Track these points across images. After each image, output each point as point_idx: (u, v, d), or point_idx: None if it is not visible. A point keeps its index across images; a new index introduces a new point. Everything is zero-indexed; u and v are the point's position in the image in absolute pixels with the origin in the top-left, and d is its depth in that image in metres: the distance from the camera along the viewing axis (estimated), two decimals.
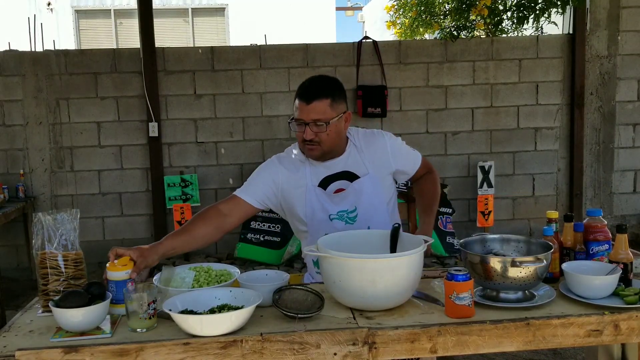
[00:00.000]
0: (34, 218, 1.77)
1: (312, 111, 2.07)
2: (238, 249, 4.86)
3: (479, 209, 5.19)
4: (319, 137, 2.10)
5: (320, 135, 2.10)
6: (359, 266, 1.68)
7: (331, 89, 2.12)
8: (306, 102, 2.08)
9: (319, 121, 2.08)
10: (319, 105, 2.07)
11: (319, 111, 2.08)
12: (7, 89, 4.97)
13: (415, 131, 5.18)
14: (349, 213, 2.17)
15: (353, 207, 2.17)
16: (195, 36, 9.94)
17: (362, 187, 2.18)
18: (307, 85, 2.13)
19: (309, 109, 2.08)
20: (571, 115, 5.34)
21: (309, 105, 2.07)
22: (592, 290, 1.73)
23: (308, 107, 2.08)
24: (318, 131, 2.09)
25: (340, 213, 2.17)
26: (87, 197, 5.10)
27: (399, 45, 5.24)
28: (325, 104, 2.08)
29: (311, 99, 2.07)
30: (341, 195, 2.18)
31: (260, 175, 2.26)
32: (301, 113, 2.10)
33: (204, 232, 2.11)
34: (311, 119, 2.08)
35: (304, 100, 2.09)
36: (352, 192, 2.18)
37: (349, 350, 1.58)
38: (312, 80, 2.16)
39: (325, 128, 2.09)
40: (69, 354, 1.52)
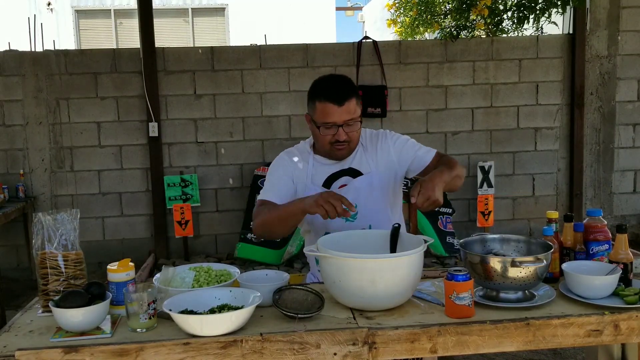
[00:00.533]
0: (34, 218, 1.77)
1: (346, 112, 2.08)
2: (238, 249, 4.87)
3: (479, 209, 5.19)
4: (350, 137, 2.11)
5: (351, 135, 2.11)
6: (359, 266, 1.68)
7: (352, 87, 2.14)
8: (339, 103, 2.07)
9: (351, 121, 2.09)
10: (349, 105, 2.08)
11: (350, 111, 2.09)
12: (7, 89, 4.97)
13: (415, 131, 5.18)
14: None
15: (354, 204, 2.17)
16: (195, 36, 9.94)
17: (363, 185, 2.18)
18: (334, 86, 2.11)
19: (341, 111, 2.07)
20: (571, 115, 5.34)
21: (342, 106, 2.07)
22: (592, 290, 1.73)
23: (341, 108, 2.07)
24: (349, 131, 2.11)
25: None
26: (87, 197, 5.10)
27: (399, 45, 5.24)
28: (353, 103, 2.10)
29: (343, 100, 2.07)
30: (342, 192, 2.18)
31: (278, 175, 2.23)
32: (333, 116, 2.07)
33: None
34: (344, 120, 2.08)
35: (335, 103, 2.07)
36: (353, 189, 2.18)
37: (349, 350, 1.58)
38: (332, 80, 2.15)
39: (358, 126, 2.12)
40: (69, 354, 1.52)
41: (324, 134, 2.11)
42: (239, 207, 5.16)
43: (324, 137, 2.12)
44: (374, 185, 2.18)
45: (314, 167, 2.22)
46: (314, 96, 2.13)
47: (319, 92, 2.12)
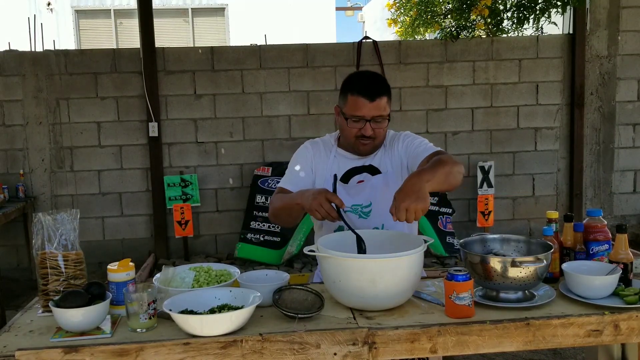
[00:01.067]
0: (34, 218, 1.77)
1: (375, 108, 2.10)
2: (238, 249, 4.87)
3: (479, 209, 5.19)
4: (376, 134, 2.13)
5: (377, 131, 2.13)
6: (359, 266, 1.68)
7: (386, 85, 2.16)
8: (370, 99, 2.09)
9: (380, 117, 2.11)
10: (381, 102, 2.10)
11: (381, 108, 2.11)
12: (7, 89, 4.97)
13: (415, 131, 5.06)
14: (364, 207, 2.18)
15: (368, 202, 2.18)
16: (195, 36, 9.94)
17: (379, 183, 2.19)
18: (368, 82, 2.13)
19: (372, 106, 2.09)
20: (571, 115, 5.34)
21: (373, 102, 2.09)
22: (592, 290, 1.73)
23: (372, 104, 2.09)
24: (376, 127, 2.12)
25: (355, 207, 2.17)
26: (87, 197, 5.10)
27: (399, 45, 5.24)
28: (385, 100, 2.12)
29: (375, 96, 2.09)
30: (358, 188, 2.19)
31: (301, 161, 2.26)
32: (363, 109, 2.10)
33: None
34: (372, 115, 2.10)
35: (367, 98, 2.09)
36: (369, 187, 2.19)
37: (349, 350, 1.58)
38: (369, 76, 2.17)
39: (385, 124, 2.14)
40: (69, 354, 1.52)
41: (352, 126, 2.14)
42: (239, 207, 5.16)
43: (351, 130, 2.14)
44: (390, 185, 2.18)
45: (335, 159, 2.25)
46: (347, 89, 2.16)
47: (353, 85, 2.14)
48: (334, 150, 2.26)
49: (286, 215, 2.14)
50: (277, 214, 2.16)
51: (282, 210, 2.13)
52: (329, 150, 2.27)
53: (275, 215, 2.18)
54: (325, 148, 2.28)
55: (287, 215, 2.13)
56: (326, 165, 2.23)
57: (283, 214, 2.14)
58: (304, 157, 2.26)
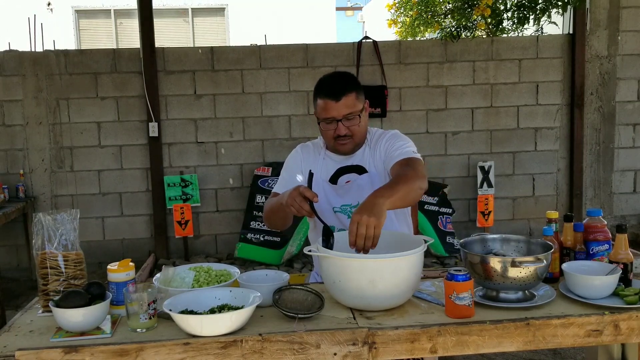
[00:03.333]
0: (34, 218, 1.77)
1: (343, 107, 2.11)
2: (238, 249, 4.87)
3: (479, 209, 5.19)
4: (351, 131, 2.14)
5: (352, 129, 2.14)
6: (359, 266, 1.68)
7: (352, 82, 2.16)
8: (335, 99, 2.10)
9: (350, 115, 2.12)
10: (347, 100, 2.11)
11: (349, 105, 2.11)
12: (7, 89, 4.97)
13: (415, 131, 5.18)
14: (352, 207, 2.19)
15: (356, 201, 2.18)
16: (195, 36, 9.94)
17: (365, 182, 2.20)
18: (331, 83, 2.15)
19: (338, 106, 2.11)
20: (571, 115, 5.34)
21: (339, 102, 2.10)
22: (592, 290, 1.73)
23: (338, 104, 2.10)
24: (350, 125, 2.13)
25: (344, 207, 2.19)
26: (87, 197, 5.10)
27: (399, 45, 5.24)
28: (352, 97, 2.12)
29: (340, 96, 2.10)
30: (346, 188, 2.21)
31: (290, 169, 2.30)
32: (331, 111, 2.12)
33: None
34: (342, 114, 2.11)
35: (332, 98, 2.11)
36: (356, 186, 2.20)
37: (349, 350, 1.58)
38: (332, 77, 2.19)
39: (358, 120, 2.14)
40: (69, 354, 1.52)
41: (326, 129, 2.17)
42: (239, 207, 5.16)
43: (327, 133, 2.17)
44: (375, 185, 2.19)
45: (324, 161, 2.27)
46: (315, 94, 2.19)
47: (319, 89, 2.18)
48: (322, 152, 2.29)
49: (275, 218, 2.16)
50: (268, 217, 2.20)
51: (272, 213, 2.16)
52: (318, 152, 2.30)
53: (267, 219, 2.23)
54: (315, 150, 2.31)
55: (276, 217, 2.16)
56: (316, 167, 2.25)
57: (273, 217, 2.17)
58: (295, 162, 2.31)
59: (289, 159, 2.34)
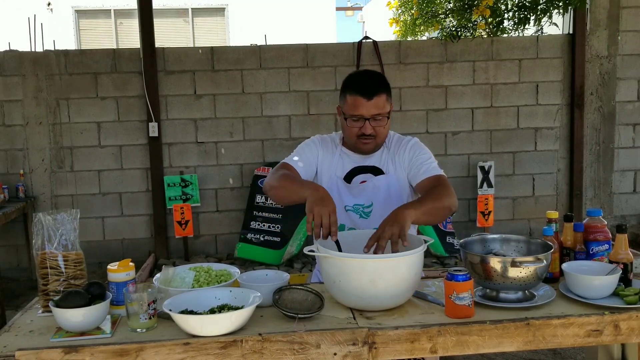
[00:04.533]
0: (34, 218, 1.77)
1: (373, 106, 2.09)
2: (238, 249, 4.87)
3: (479, 209, 5.19)
4: (376, 132, 2.13)
5: (378, 130, 2.13)
6: (359, 266, 1.68)
7: (384, 82, 2.15)
8: (367, 97, 2.08)
9: (379, 115, 2.11)
10: (379, 100, 2.10)
11: (379, 106, 2.10)
12: (7, 89, 4.97)
13: (415, 131, 5.18)
14: (365, 207, 2.18)
15: (370, 202, 2.18)
16: (195, 36, 9.94)
17: (382, 184, 2.19)
18: (364, 80, 2.13)
19: (369, 105, 2.09)
20: (571, 115, 5.34)
21: (371, 100, 2.08)
22: (592, 290, 1.73)
23: (369, 102, 2.08)
24: (377, 125, 2.12)
25: (356, 206, 2.18)
26: (87, 197, 5.10)
27: (399, 45, 5.24)
28: (383, 98, 2.11)
29: (372, 95, 2.09)
30: (361, 188, 2.20)
31: (306, 152, 2.26)
32: (361, 109, 2.09)
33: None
34: (371, 114, 2.10)
35: (364, 96, 2.08)
36: (371, 187, 2.19)
37: (349, 350, 1.58)
38: (365, 75, 2.16)
39: (385, 122, 2.13)
40: (69, 354, 1.52)
41: (351, 125, 2.14)
42: (239, 207, 5.16)
43: (351, 129, 2.14)
44: (391, 187, 2.19)
45: (340, 158, 2.25)
46: (345, 88, 2.16)
47: (350, 84, 2.14)
48: (338, 149, 2.26)
49: (283, 197, 2.08)
50: (276, 192, 2.10)
51: (282, 190, 2.07)
52: (334, 148, 2.27)
53: (273, 191, 2.11)
54: (331, 146, 2.28)
55: (284, 196, 2.08)
56: (331, 164, 2.23)
57: (280, 193, 2.08)
58: (314, 148, 2.26)
59: (308, 142, 2.29)
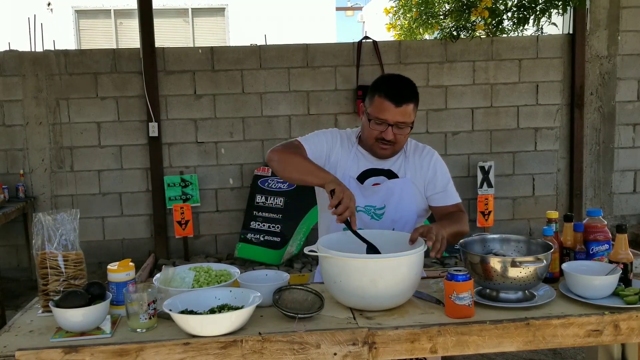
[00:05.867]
0: (34, 218, 1.76)
1: (400, 114, 2.07)
2: (238, 249, 4.87)
3: (479, 209, 5.19)
4: (397, 139, 2.11)
5: (398, 137, 2.10)
6: (360, 266, 1.68)
7: (415, 92, 2.13)
8: (396, 104, 2.06)
9: (403, 124, 2.09)
10: (406, 108, 2.07)
11: (405, 114, 2.08)
12: (7, 89, 4.97)
13: (415, 131, 5.13)
14: (377, 209, 2.18)
15: (382, 204, 2.17)
16: (195, 36, 9.94)
17: (396, 187, 2.18)
18: (396, 86, 2.11)
19: (396, 112, 2.06)
20: (571, 115, 5.34)
21: (399, 107, 2.06)
22: (592, 290, 1.73)
23: (397, 109, 2.06)
24: (398, 133, 2.09)
25: (368, 207, 2.17)
26: (87, 197, 5.10)
27: (398, 46, 5.24)
28: (411, 107, 2.09)
29: (402, 102, 2.06)
30: (374, 189, 2.18)
31: (322, 138, 2.22)
32: (387, 114, 2.07)
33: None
34: (396, 121, 2.07)
35: (393, 102, 2.06)
36: (385, 190, 2.18)
37: (349, 350, 1.58)
38: (399, 80, 2.14)
39: (407, 131, 2.11)
40: (69, 354, 1.52)
41: (374, 128, 2.11)
42: (239, 207, 5.16)
43: (372, 131, 2.12)
44: (405, 192, 2.18)
45: (355, 157, 2.23)
46: (375, 89, 2.13)
47: (381, 87, 2.11)
48: (354, 148, 2.24)
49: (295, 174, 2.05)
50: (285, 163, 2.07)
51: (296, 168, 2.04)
52: (350, 146, 2.25)
53: (280, 161, 2.08)
54: (348, 143, 2.25)
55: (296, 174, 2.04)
56: (346, 161, 2.21)
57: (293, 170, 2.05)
58: (331, 138, 2.23)
59: (326, 132, 2.25)
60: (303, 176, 2.03)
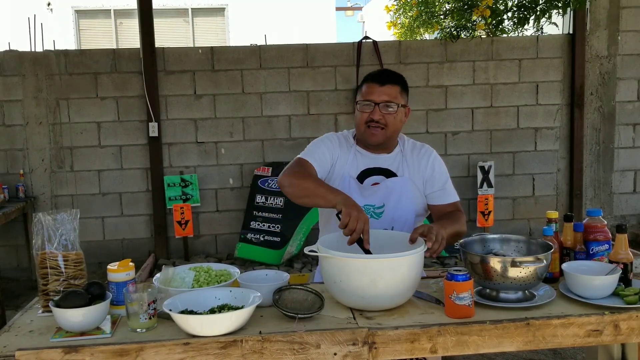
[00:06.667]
0: (34, 218, 1.77)
1: (384, 93, 2.14)
2: (238, 249, 4.87)
3: (479, 209, 5.19)
4: (385, 120, 2.15)
5: (387, 118, 2.15)
6: (360, 266, 1.68)
7: (400, 78, 2.22)
8: (380, 83, 2.15)
9: (390, 103, 2.15)
10: (391, 88, 2.16)
11: (390, 94, 2.15)
12: (7, 89, 4.97)
13: (415, 131, 5.18)
14: (376, 208, 2.18)
15: (381, 203, 2.18)
16: (195, 36, 9.94)
17: (395, 186, 2.19)
18: (381, 71, 2.23)
19: (381, 91, 2.14)
20: (571, 115, 5.34)
21: (382, 87, 2.15)
22: (592, 290, 1.73)
23: (381, 88, 2.14)
24: (386, 113, 2.15)
25: (367, 206, 2.18)
26: (87, 197, 5.10)
27: (399, 45, 5.24)
28: (396, 89, 2.17)
29: (385, 82, 2.15)
30: (373, 189, 2.20)
31: (322, 147, 2.24)
32: (372, 94, 2.15)
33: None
34: (382, 100, 2.14)
35: (377, 82, 2.15)
36: (384, 188, 2.19)
37: (349, 350, 1.58)
38: (384, 69, 2.25)
39: (394, 110, 2.16)
40: (69, 354, 1.52)
41: (361, 110, 2.17)
42: (239, 207, 5.16)
43: (362, 115, 2.17)
44: (405, 190, 2.19)
45: (355, 157, 2.25)
46: (362, 81, 2.23)
47: (366, 76, 2.22)
48: (353, 148, 2.26)
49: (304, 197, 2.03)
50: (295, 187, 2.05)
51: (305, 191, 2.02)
52: (349, 147, 2.27)
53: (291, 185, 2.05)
54: (346, 145, 2.28)
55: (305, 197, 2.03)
56: (346, 163, 2.23)
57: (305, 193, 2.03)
58: (330, 144, 2.24)
59: (323, 139, 2.26)
60: (314, 200, 2.03)
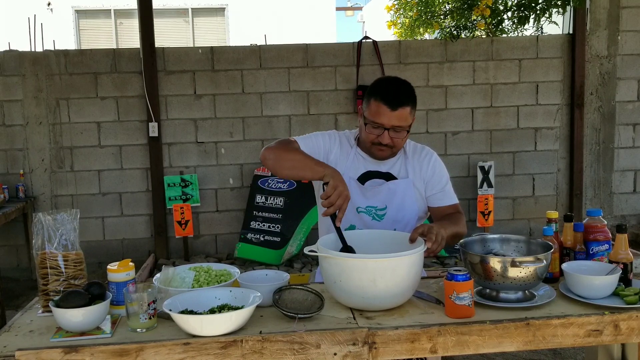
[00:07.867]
0: (34, 218, 1.76)
1: (395, 118, 2.04)
2: (238, 249, 4.87)
3: (479, 209, 5.19)
4: (394, 143, 2.09)
5: (395, 141, 2.09)
6: (360, 266, 1.68)
7: (412, 95, 2.10)
8: (391, 108, 2.03)
9: (399, 127, 2.07)
10: (402, 112, 2.05)
11: (401, 118, 2.05)
12: (7, 89, 4.97)
13: (415, 131, 5.16)
14: (378, 210, 2.18)
15: (384, 205, 2.17)
16: (195, 36, 9.94)
17: (397, 188, 2.18)
18: (392, 89, 2.08)
19: (392, 115, 2.04)
20: (571, 115, 5.34)
21: (394, 111, 2.04)
22: (592, 290, 1.73)
23: (392, 113, 2.04)
24: (395, 137, 2.08)
25: (369, 208, 2.17)
26: (87, 197, 5.10)
27: (399, 45, 5.24)
28: (407, 111, 2.07)
29: (397, 106, 2.04)
30: (375, 190, 2.18)
31: (318, 138, 2.21)
32: (383, 118, 2.04)
33: None
34: (392, 125, 2.05)
35: (388, 106, 2.03)
36: (386, 191, 2.18)
37: (349, 350, 1.58)
38: (395, 84, 2.11)
39: (404, 135, 2.09)
40: (69, 354, 1.52)
41: (370, 132, 2.10)
42: (239, 207, 5.16)
43: (369, 135, 2.11)
44: (407, 193, 2.18)
45: (355, 159, 2.22)
46: (371, 92, 2.11)
47: (377, 90, 2.09)
48: (353, 150, 2.23)
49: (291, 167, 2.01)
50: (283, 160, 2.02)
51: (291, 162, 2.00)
52: (349, 148, 2.24)
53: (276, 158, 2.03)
54: (347, 146, 2.25)
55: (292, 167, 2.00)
56: (345, 164, 2.21)
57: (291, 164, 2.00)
58: (329, 140, 2.21)
59: (324, 134, 2.23)
60: (300, 171, 2.00)
